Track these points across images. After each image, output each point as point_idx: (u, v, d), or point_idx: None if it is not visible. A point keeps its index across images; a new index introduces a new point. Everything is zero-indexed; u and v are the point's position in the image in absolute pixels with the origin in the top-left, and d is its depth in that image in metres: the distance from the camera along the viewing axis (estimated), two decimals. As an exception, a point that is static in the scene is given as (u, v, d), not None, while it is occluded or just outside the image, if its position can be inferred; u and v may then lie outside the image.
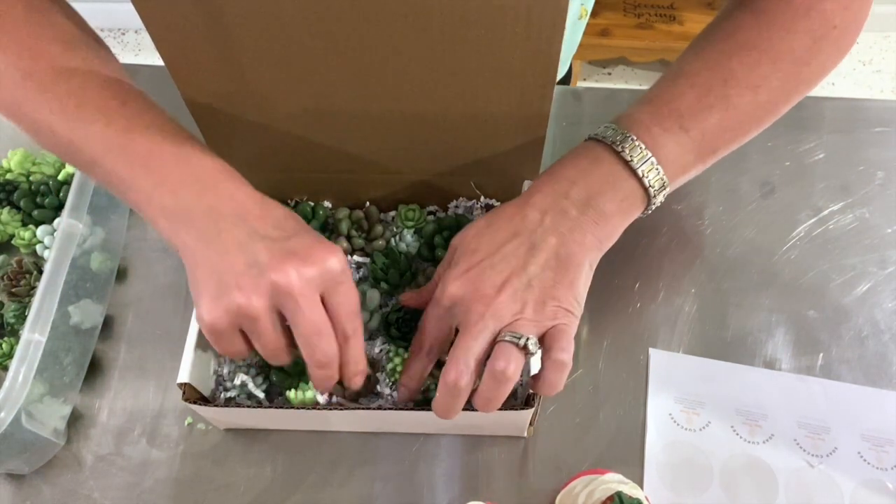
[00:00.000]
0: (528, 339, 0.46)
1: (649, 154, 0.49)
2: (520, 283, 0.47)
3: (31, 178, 0.71)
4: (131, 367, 0.63)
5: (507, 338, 0.46)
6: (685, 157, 0.50)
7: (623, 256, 0.67)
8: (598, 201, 0.49)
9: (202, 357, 0.55)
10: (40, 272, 0.64)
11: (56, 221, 0.66)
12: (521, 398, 0.55)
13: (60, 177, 0.71)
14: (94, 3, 1.92)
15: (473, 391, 0.47)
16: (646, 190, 0.50)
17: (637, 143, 0.49)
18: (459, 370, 0.46)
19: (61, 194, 0.67)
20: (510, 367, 0.45)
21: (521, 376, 0.56)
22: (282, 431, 0.59)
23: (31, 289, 0.63)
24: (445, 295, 0.48)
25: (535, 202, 0.50)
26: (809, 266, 0.67)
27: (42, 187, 0.67)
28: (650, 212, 0.51)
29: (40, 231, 0.66)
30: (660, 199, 0.50)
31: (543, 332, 0.47)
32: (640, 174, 0.49)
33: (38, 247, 0.66)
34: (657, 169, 0.49)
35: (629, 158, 0.49)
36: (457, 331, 0.49)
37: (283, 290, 0.44)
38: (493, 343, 0.47)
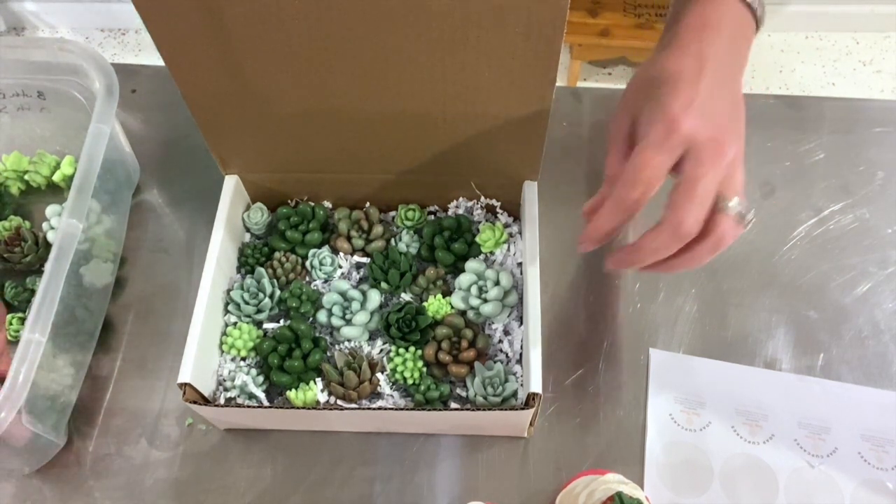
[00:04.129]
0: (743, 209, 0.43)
1: None
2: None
3: (25, 178, 0.71)
4: (131, 367, 0.63)
5: (732, 209, 0.43)
6: None
7: (623, 256, 0.67)
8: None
9: (202, 357, 0.55)
10: (37, 244, 0.65)
11: (55, 221, 0.66)
12: (522, 398, 0.55)
13: (55, 178, 0.71)
14: (95, 3, 1.92)
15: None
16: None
17: None
18: (695, 212, 0.42)
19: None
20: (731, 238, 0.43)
21: (518, 375, 0.56)
22: (282, 431, 0.59)
23: (24, 257, 0.64)
24: (683, 129, 0.42)
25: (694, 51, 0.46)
26: (809, 266, 0.67)
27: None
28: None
29: (49, 210, 0.67)
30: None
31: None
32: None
33: (43, 224, 0.67)
34: None
35: None
36: None
37: None
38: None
